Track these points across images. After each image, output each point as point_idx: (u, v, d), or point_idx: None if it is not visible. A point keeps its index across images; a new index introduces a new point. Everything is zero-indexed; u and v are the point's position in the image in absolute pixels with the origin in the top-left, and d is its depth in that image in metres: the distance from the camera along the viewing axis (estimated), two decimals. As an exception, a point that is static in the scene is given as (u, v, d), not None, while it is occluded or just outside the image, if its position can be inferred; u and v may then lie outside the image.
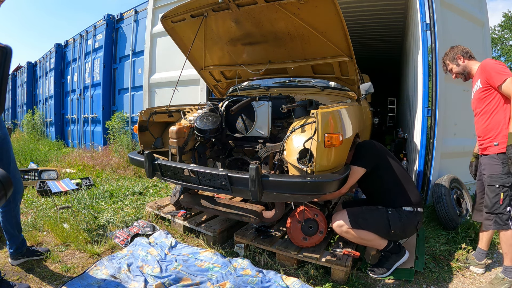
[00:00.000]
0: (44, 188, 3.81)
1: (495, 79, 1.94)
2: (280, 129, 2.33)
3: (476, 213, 2.27)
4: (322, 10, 2.04)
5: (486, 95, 2.03)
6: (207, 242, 2.55)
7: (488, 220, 2.03)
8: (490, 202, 2.00)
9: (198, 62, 3.10)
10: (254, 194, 1.82)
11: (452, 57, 2.23)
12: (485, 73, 2.01)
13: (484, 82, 2.02)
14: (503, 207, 1.95)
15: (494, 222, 1.99)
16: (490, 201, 2.01)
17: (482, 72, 2.05)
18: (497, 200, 1.97)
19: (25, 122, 9.81)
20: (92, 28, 7.20)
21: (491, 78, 1.96)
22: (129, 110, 6.29)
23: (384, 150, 2.25)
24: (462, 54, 2.19)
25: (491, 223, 2.01)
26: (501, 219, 1.96)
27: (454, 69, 2.23)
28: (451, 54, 2.24)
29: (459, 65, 2.20)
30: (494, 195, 1.98)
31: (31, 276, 2.05)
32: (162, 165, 2.25)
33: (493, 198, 1.99)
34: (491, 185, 2.00)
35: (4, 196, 1.20)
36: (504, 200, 1.95)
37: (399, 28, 5.68)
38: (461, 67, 2.20)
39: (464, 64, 2.19)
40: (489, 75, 1.98)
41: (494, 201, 1.98)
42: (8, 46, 1.42)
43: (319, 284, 1.98)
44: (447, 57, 2.26)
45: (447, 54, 2.27)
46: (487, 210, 2.03)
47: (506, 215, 1.96)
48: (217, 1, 2.19)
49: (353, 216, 2.06)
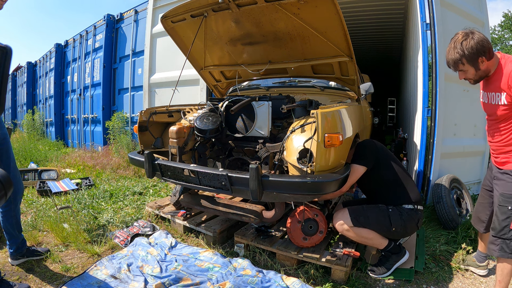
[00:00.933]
0: (44, 188, 3.81)
1: None
2: (280, 129, 2.33)
3: (478, 221, 2.04)
4: (322, 10, 2.04)
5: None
6: (207, 242, 2.55)
7: (493, 244, 1.75)
8: (499, 225, 1.71)
9: (198, 62, 3.10)
10: (254, 194, 1.82)
11: (472, 58, 1.63)
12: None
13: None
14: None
15: (500, 248, 1.71)
16: (499, 223, 1.72)
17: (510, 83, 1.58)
18: (507, 224, 1.69)
19: (25, 122, 9.81)
20: (92, 28, 7.20)
21: None
22: (129, 110, 6.29)
23: (384, 149, 2.25)
24: (485, 54, 1.61)
25: (496, 249, 1.72)
26: (508, 246, 1.69)
27: (471, 74, 1.69)
28: (473, 52, 1.61)
29: (479, 70, 1.66)
30: (505, 217, 1.69)
31: (31, 276, 2.05)
32: (162, 165, 2.25)
33: (503, 221, 1.70)
34: (502, 205, 1.71)
35: (4, 196, 1.21)
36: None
37: (399, 28, 5.68)
38: (481, 72, 1.68)
39: (484, 69, 1.66)
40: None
41: (503, 225, 1.70)
42: (8, 46, 1.42)
43: (319, 284, 1.98)
44: (466, 53, 1.62)
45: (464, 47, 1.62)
46: (493, 233, 1.76)
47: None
48: (217, 1, 2.19)
49: (354, 214, 2.07)
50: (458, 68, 1.71)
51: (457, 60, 1.67)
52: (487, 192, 1.96)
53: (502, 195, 1.72)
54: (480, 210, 2.02)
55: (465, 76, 1.73)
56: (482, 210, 1.99)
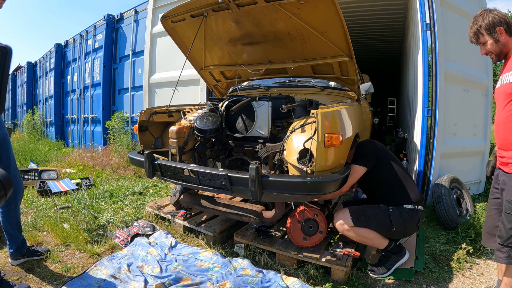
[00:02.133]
0: (44, 188, 3.81)
1: None
2: (280, 129, 2.33)
3: (488, 237, 1.84)
4: (322, 10, 2.04)
5: None
6: (207, 242, 2.55)
7: (500, 252, 1.67)
8: (506, 233, 1.63)
9: (198, 62, 3.10)
10: (254, 194, 1.82)
11: (491, 27, 1.64)
12: None
13: None
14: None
15: (507, 256, 1.63)
16: (506, 231, 1.63)
17: None
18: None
19: (25, 122, 9.81)
20: (92, 28, 7.20)
21: None
22: (129, 110, 6.30)
23: (384, 149, 2.25)
24: (505, 27, 1.62)
25: (503, 256, 1.65)
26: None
27: (490, 45, 1.66)
28: (490, 21, 1.63)
29: (498, 41, 1.64)
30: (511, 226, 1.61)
31: (31, 276, 2.05)
32: (162, 165, 2.25)
33: (510, 230, 1.61)
34: (509, 213, 1.62)
35: (4, 196, 1.21)
36: None
37: (399, 28, 5.68)
38: (500, 45, 1.64)
39: (504, 42, 1.63)
40: None
41: (510, 233, 1.61)
42: (8, 46, 1.42)
43: (319, 284, 1.98)
44: (484, 24, 1.65)
45: (483, 18, 1.67)
46: (500, 241, 1.66)
47: None
48: (217, 1, 2.19)
49: (355, 214, 2.06)
50: (479, 40, 1.70)
51: (476, 30, 1.68)
52: (493, 202, 1.82)
53: (508, 202, 1.61)
54: (489, 224, 1.84)
55: (486, 49, 1.69)
56: (492, 223, 1.82)
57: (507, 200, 1.63)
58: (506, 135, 1.64)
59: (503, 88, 1.64)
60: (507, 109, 1.62)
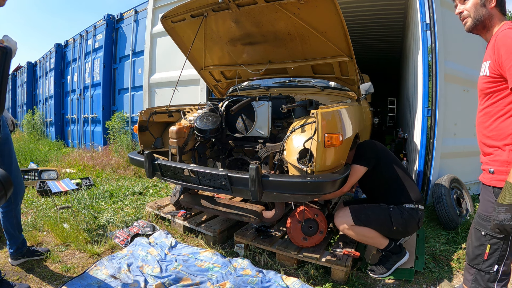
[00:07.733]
0: (44, 188, 3.81)
1: (510, 72, 1.19)
2: (280, 129, 2.33)
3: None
4: (322, 10, 2.04)
5: (494, 89, 1.33)
6: (207, 242, 2.55)
7: (468, 273, 1.45)
8: (472, 253, 1.41)
9: (198, 62, 3.10)
10: (254, 194, 1.82)
11: None
12: (498, 54, 1.24)
13: (494, 69, 1.28)
14: (487, 265, 1.36)
15: (474, 279, 1.41)
16: (471, 250, 1.42)
17: (495, 49, 1.26)
18: (481, 253, 1.37)
19: (25, 122, 9.81)
20: (92, 28, 7.20)
21: (504, 67, 1.22)
22: (129, 110, 6.29)
23: (384, 149, 2.26)
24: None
25: (470, 279, 1.43)
26: (482, 279, 1.38)
27: (472, 4, 1.35)
28: None
29: (483, 6, 1.34)
30: (478, 244, 1.38)
31: (31, 276, 2.05)
32: (162, 165, 2.25)
33: (476, 249, 1.39)
34: (477, 228, 1.40)
35: (4, 196, 1.21)
36: (491, 256, 1.34)
37: (399, 28, 5.68)
38: (484, 12, 1.34)
39: (490, 12, 1.34)
40: (502, 61, 1.22)
41: (476, 253, 1.39)
42: (8, 47, 1.42)
43: (319, 284, 1.98)
44: None
45: None
46: (467, 260, 1.46)
47: (491, 275, 1.35)
48: (217, 1, 2.19)
49: (356, 213, 2.07)
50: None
51: None
52: None
53: (479, 216, 1.40)
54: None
55: (463, 8, 1.39)
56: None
57: (477, 214, 1.42)
58: (480, 137, 1.47)
59: (479, 81, 1.42)
60: (480, 108, 1.47)
